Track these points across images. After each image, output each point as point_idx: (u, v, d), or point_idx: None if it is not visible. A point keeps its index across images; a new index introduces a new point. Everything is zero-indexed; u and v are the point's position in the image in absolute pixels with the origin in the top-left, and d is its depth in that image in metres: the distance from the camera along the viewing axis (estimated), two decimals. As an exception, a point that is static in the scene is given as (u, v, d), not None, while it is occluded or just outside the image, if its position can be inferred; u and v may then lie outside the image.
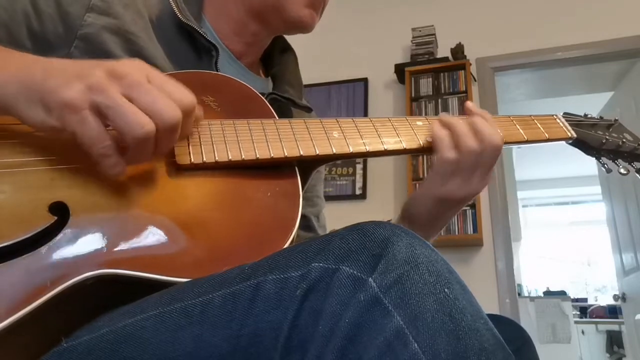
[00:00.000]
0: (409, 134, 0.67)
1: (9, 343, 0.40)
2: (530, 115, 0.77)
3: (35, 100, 0.46)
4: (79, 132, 0.45)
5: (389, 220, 0.80)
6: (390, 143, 0.65)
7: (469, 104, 0.70)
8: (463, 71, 2.89)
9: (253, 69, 0.82)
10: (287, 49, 0.89)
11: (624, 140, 0.80)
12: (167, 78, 0.50)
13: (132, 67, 0.48)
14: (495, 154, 0.66)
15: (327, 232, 0.90)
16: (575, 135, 0.77)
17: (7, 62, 0.49)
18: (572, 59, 2.89)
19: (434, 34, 3.05)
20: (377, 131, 0.66)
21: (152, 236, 0.48)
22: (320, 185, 0.93)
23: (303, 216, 0.84)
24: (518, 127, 0.73)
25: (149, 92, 0.46)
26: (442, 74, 2.94)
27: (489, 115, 0.69)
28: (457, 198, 0.67)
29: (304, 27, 0.76)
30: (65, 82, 0.45)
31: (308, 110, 0.83)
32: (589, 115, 0.83)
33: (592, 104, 3.54)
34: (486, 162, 0.66)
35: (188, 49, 0.72)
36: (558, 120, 0.78)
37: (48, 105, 0.45)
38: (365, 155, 0.65)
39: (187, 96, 0.50)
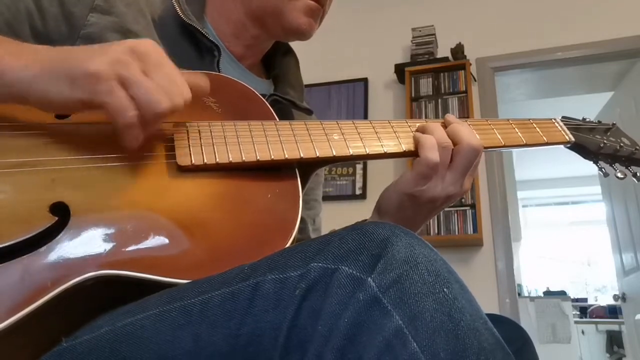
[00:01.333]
0: (409, 137, 0.67)
1: (10, 343, 0.40)
2: (529, 119, 0.77)
3: (59, 77, 0.47)
4: (108, 101, 0.47)
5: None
6: (390, 146, 0.65)
7: (448, 115, 0.70)
8: (463, 71, 2.89)
9: (254, 70, 0.83)
10: (289, 51, 0.89)
11: (622, 144, 0.80)
12: (174, 66, 0.52)
13: (149, 48, 0.50)
14: (472, 155, 0.66)
15: (323, 234, 0.91)
16: (573, 140, 0.77)
17: (22, 51, 0.50)
18: (572, 59, 2.89)
19: (434, 34, 3.05)
20: (377, 134, 0.66)
21: (153, 237, 0.48)
22: (319, 189, 0.93)
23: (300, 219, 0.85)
24: (517, 130, 0.74)
25: (163, 74, 0.49)
26: (442, 74, 2.94)
27: (466, 124, 0.69)
28: (427, 197, 0.66)
29: (301, 34, 0.77)
30: (90, 56, 0.47)
31: (309, 112, 0.83)
32: (587, 119, 0.83)
33: (592, 104, 3.55)
34: (462, 162, 0.66)
35: (190, 49, 0.72)
36: (556, 124, 0.78)
37: (74, 78, 0.46)
38: (365, 157, 0.65)
39: (187, 88, 0.52)
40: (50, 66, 0.47)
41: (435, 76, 2.95)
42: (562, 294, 5.30)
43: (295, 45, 0.89)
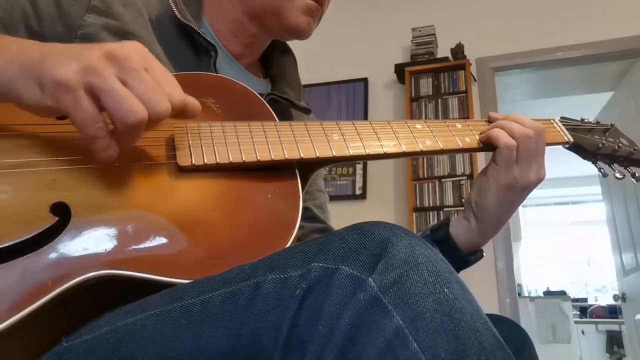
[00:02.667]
0: (409, 137, 0.67)
1: (10, 343, 0.40)
2: None
3: (32, 80, 0.45)
4: (72, 112, 0.44)
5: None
6: (390, 146, 0.65)
7: (493, 114, 0.76)
8: (463, 71, 2.89)
9: (251, 70, 0.83)
10: (287, 50, 0.89)
11: (620, 144, 0.80)
12: (163, 68, 0.49)
13: (131, 51, 0.47)
14: (544, 140, 0.72)
15: (332, 225, 0.91)
16: (572, 140, 0.77)
17: (8, 47, 0.49)
18: (572, 59, 2.89)
19: (434, 34, 3.05)
20: (376, 134, 0.66)
21: (153, 237, 0.48)
22: (320, 180, 0.93)
23: (305, 208, 0.85)
24: None
25: (145, 80, 0.45)
26: (442, 74, 2.94)
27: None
28: (521, 185, 0.70)
29: (300, 33, 0.77)
30: (61, 62, 0.45)
31: (307, 111, 0.83)
32: (586, 120, 0.83)
33: (592, 104, 3.55)
34: (539, 147, 0.71)
35: (187, 49, 0.72)
36: (555, 125, 0.78)
37: (43, 84, 0.44)
38: (365, 158, 0.65)
39: (179, 92, 0.49)
40: (27, 67, 0.46)
41: (435, 76, 2.95)
42: (562, 294, 5.30)
43: (295, 45, 0.89)
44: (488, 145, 0.71)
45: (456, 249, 0.74)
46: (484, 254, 0.77)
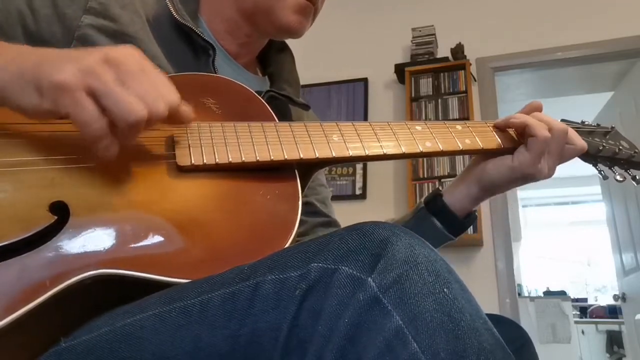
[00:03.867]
0: (409, 138, 0.67)
1: (8, 342, 0.40)
2: None
3: (29, 85, 0.45)
4: (73, 113, 0.44)
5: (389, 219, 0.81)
6: (390, 147, 0.65)
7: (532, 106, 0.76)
8: (463, 71, 2.89)
9: (250, 68, 0.83)
10: (284, 48, 0.89)
11: (621, 147, 0.80)
12: (158, 71, 0.50)
13: (127, 55, 0.48)
14: (565, 135, 0.72)
15: (336, 218, 0.91)
16: None
17: (3, 52, 0.49)
18: (572, 59, 2.89)
19: (434, 34, 3.05)
20: (376, 135, 0.66)
21: (152, 237, 0.48)
22: (321, 175, 0.93)
23: (307, 203, 0.85)
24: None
25: (142, 81, 0.47)
26: (442, 74, 2.94)
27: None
28: (537, 178, 0.72)
29: (292, 32, 0.77)
30: (59, 65, 0.45)
31: (305, 107, 0.83)
32: (586, 122, 0.83)
33: (592, 104, 3.55)
34: (560, 143, 0.71)
35: (185, 49, 0.73)
36: None
37: (41, 88, 0.45)
38: (365, 159, 0.65)
39: (174, 94, 0.50)
40: (23, 72, 0.46)
41: (435, 76, 2.95)
42: (562, 294, 5.30)
43: (294, 44, 0.89)
44: (508, 143, 0.71)
45: (454, 217, 0.77)
46: (476, 213, 0.81)
